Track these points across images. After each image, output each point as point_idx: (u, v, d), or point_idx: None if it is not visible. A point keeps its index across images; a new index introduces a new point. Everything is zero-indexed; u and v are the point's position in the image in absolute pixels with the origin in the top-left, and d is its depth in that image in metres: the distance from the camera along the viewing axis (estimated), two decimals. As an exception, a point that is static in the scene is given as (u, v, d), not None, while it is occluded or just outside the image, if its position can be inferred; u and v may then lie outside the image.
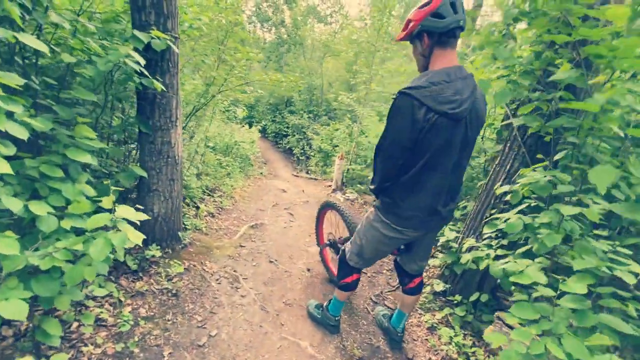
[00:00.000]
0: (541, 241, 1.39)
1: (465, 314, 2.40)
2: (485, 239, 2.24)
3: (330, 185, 6.97)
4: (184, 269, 2.54)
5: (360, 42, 7.88)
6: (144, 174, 2.23)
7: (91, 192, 1.64)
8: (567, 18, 1.57)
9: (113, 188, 1.63)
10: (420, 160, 1.47)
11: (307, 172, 10.61)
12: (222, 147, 6.80)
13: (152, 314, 2.02)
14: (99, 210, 1.47)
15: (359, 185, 6.03)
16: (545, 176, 1.40)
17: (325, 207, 2.85)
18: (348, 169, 6.11)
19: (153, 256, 2.38)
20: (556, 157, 1.52)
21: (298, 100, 13.17)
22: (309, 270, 3.05)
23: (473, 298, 2.31)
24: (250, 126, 9.16)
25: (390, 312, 2.40)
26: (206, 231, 3.44)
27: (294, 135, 12.29)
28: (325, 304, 2.28)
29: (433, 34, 1.43)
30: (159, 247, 2.53)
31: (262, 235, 3.70)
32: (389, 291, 2.85)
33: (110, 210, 1.39)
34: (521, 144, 2.21)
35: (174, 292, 2.24)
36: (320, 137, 10.03)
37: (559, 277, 1.28)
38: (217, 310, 2.22)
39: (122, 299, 2.03)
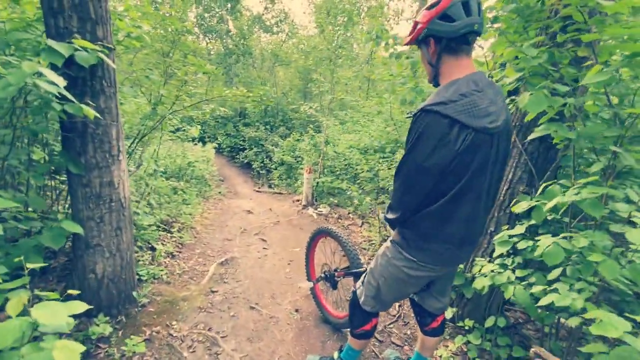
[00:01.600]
0: (589, 268, 1.18)
1: (482, 342, 2.17)
2: (496, 257, 2.04)
3: (299, 200, 6.59)
4: (145, 339, 1.99)
5: (313, 50, 7.69)
6: (79, 230, 1.68)
7: (-7, 277, 1.10)
8: (579, 13, 1.41)
9: (28, 266, 1.11)
10: (454, 187, 1.19)
11: (270, 186, 10.11)
12: (175, 170, 6.09)
13: (106, 422, 1.48)
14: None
15: (331, 199, 5.73)
16: (592, 192, 1.19)
17: (318, 234, 2.47)
18: (317, 182, 5.79)
19: (101, 334, 1.80)
20: (593, 169, 1.33)
21: (252, 112, 12.63)
22: (297, 311, 2.64)
23: (489, 324, 2.09)
24: (204, 144, 8.46)
25: (405, 356, 2.10)
26: (167, 278, 2.86)
27: (252, 149, 11.72)
28: (335, 355, 1.90)
29: (440, 39, 1.17)
30: (107, 317, 1.96)
31: (235, 273, 3.20)
32: (391, 323, 2.55)
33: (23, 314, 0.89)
34: (522, 151, 2.06)
35: (134, 380, 1.71)
36: (281, 149, 9.62)
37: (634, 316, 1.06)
38: (195, 393, 1.73)
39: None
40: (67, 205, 2.06)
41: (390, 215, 1.38)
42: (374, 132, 5.19)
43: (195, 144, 7.89)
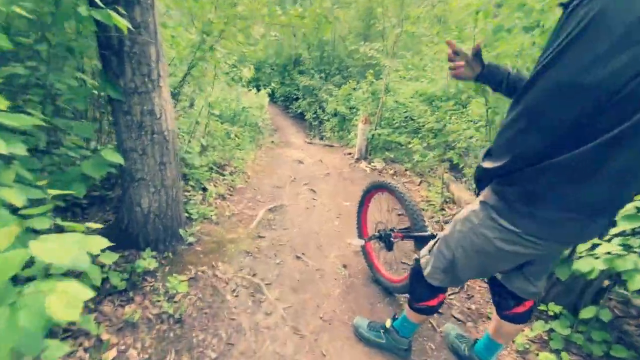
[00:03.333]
0: None
1: (570, 332, 1.77)
2: (616, 235, 1.53)
3: (350, 154, 6.24)
4: (190, 278, 1.95)
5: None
6: (120, 161, 1.55)
7: (16, 200, 0.98)
8: None
9: (52, 192, 0.97)
10: (618, 125, 0.74)
11: (321, 139, 9.83)
12: (229, 115, 6.04)
13: (147, 356, 1.45)
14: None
15: (386, 153, 5.27)
16: None
17: (374, 188, 2.15)
18: (373, 135, 5.32)
19: (146, 268, 1.77)
20: None
21: (307, 59, 12.01)
22: (345, 266, 2.44)
23: (587, 315, 1.66)
24: (258, 90, 8.28)
25: (467, 333, 1.80)
26: (217, 220, 2.83)
27: (305, 99, 11.33)
28: (388, 323, 1.67)
29: None
30: (154, 252, 1.93)
31: (282, 220, 3.08)
32: (452, 294, 2.24)
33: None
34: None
35: (177, 317, 1.66)
36: (334, 99, 9.10)
37: None
38: (236, 339, 1.65)
39: (106, 336, 1.46)
40: (113, 136, 1.97)
41: (488, 164, 0.98)
42: (444, 79, 4.43)
43: (250, 90, 7.74)
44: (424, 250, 1.38)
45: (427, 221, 2.46)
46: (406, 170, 4.86)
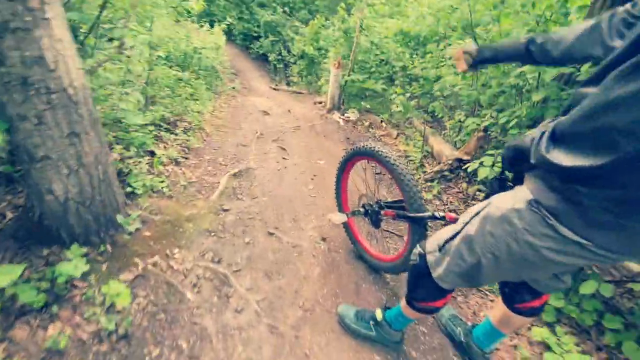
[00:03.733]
0: None
1: (565, 305, 1.68)
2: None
3: (322, 103, 5.73)
4: (137, 276, 1.58)
5: None
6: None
7: None
8: None
9: None
10: None
11: (288, 84, 9.05)
12: (179, 58, 5.14)
13: (82, 393, 1.13)
14: None
15: (361, 102, 4.83)
16: None
17: (357, 155, 1.79)
18: (346, 81, 4.81)
19: (70, 275, 1.36)
20: None
21: (268, -11, 10.52)
22: (324, 239, 2.18)
23: (587, 290, 1.55)
24: (212, 26, 7.12)
25: (464, 318, 1.65)
26: (169, 192, 2.38)
27: (267, 37, 10.15)
28: (379, 314, 1.46)
29: None
30: (85, 248, 1.51)
31: (250, 188, 2.69)
32: (440, 265, 2.08)
33: None
34: None
35: (121, 332, 1.32)
36: (301, 38, 8.17)
37: None
38: (200, 349, 1.36)
39: (18, 375, 1.10)
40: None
41: (567, 159, 0.64)
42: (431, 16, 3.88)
43: (202, 26, 6.62)
44: (431, 244, 1.10)
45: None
46: (382, 121, 4.51)
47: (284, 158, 3.39)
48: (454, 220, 1.09)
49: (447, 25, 3.61)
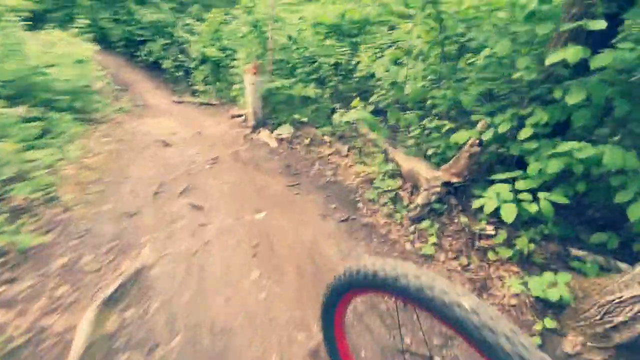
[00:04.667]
0: None
1: None
2: None
3: (241, 116, 4.54)
4: None
5: None
6: None
7: None
8: None
9: None
10: None
11: (194, 94, 7.52)
12: (12, 84, 3.40)
13: None
14: None
15: (293, 114, 3.80)
16: None
17: (360, 288, 0.77)
18: (269, 90, 3.72)
19: None
20: None
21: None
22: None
23: None
24: (64, 29, 5.23)
25: None
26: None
27: (156, 41, 8.36)
28: None
29: None
30: None
31: (143, 322, 1.48)
32: None
33: None
34: None
35: None
36: (199, 38, 6.73)
37: None
38: None
39: None
40: None
41: None
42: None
43: (49, 32, 4.76)
44: None
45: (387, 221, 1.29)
46: (324, 135, 3.57)
47: (201, 225, 2.21)
48: None
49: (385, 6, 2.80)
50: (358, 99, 2.48)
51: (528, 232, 1.89)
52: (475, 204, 1.82)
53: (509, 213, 1.65)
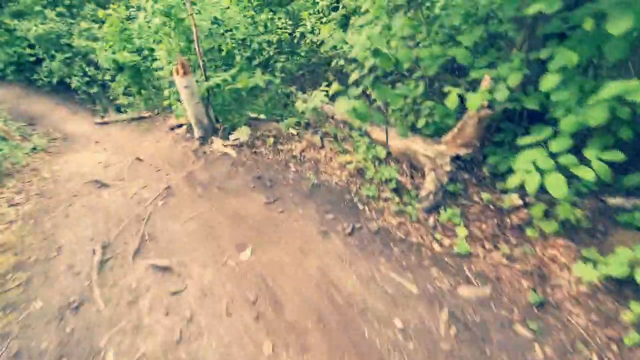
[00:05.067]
0: None
1: None
2: None
3: (181, 126, 3.84)
4: None
5: None
6: None
7: None
8: None
9: None
10: None
11: (119, 110, 6.48)
12: None
13: None
14: None
15: (244, 111, 3.20)
16: None
17: None
18: (208, 90, 3.06)
19: None
20: None
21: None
22: None
23: None
24: None
25: None
26: None
27: (54, 57, 7.01)
28: None
29: None
30: None
31: None
32: None
33: None
34: None
35: None
36: (106, 44, 5.64)
37: None
38: None
39: None
40: None
41: None
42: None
43: None
44: None
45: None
46: (289, 128, 3.03)
47: (174, 294, 1.68)
48: None
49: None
50: (336, 82, 1.97)
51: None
52: (509, 182, 1.48)
53: (557, 186, 1.33)
